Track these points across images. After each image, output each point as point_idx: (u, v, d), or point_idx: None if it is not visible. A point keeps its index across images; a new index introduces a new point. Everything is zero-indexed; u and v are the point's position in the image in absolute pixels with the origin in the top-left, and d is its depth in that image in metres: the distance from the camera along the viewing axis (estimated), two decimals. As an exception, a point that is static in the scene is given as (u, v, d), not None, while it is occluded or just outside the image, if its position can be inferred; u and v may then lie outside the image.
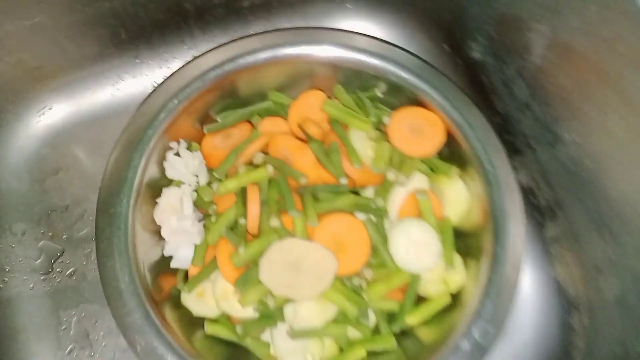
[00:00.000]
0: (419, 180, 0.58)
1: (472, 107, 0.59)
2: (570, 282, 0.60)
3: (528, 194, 0.64)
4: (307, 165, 0.56)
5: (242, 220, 0.54)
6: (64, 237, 0.63)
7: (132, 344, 0.48)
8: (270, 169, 0.55)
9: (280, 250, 0.51)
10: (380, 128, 0.61)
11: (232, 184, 0.55)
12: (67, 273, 0.62)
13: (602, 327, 0.54)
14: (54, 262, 0.62)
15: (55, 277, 0.61)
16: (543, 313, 0.62)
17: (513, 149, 0.64)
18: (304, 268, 0.51)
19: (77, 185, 0.65)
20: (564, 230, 0.60)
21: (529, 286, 0.62)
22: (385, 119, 0.60)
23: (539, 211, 0.63)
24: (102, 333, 0.59)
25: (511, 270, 0.53)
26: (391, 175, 0.56)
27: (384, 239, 0.55)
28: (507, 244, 0.54)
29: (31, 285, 0.61)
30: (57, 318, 0.60)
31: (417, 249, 0.54)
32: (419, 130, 0.59)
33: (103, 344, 0.59)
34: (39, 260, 0.62)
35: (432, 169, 0.60)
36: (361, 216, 0.55)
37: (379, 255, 0.56)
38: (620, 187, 0.51)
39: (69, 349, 0.59)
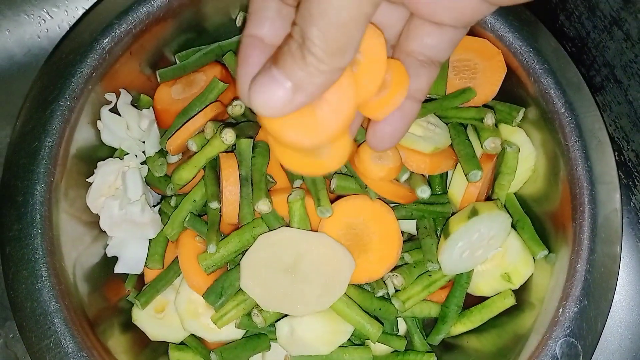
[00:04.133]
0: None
1: (539, 28, 0.41)
2: (672, 265, 0.44)
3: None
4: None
5: (214, 204, 0.37)
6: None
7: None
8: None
9: (270, 246, 0.35)
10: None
11: (189, 171, 0.38)
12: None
13: None
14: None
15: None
16: (631, 303, 0.46)
17: (590, 87, 0.46)
18: (304, 271, 0.35)
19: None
20: (664, 194, 0.43)
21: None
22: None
23: (625, 170, 0.46)
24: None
25: (606, 259, 0.37)
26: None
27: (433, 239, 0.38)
28: (599, 222, 0.37)
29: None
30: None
31: (476, 247, 0.38)
32: (470, 68, 0.41)
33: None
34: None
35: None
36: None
37: (416, 255, 0.39)
38: None
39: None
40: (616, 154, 0.47)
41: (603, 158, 0.39)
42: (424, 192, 0.38)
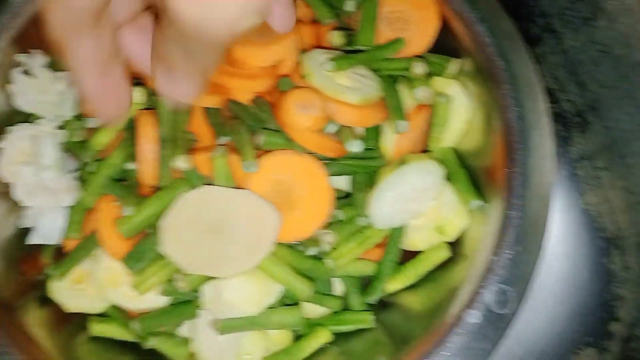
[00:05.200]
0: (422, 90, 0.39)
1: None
2: (608, 214, 0.44)
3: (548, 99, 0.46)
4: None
5: (130, 165, 0.35)
6: None
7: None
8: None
9: (192, 205, 0.33)
10: (343, 21, 0.41)
11: (106, 134, 0.36)
12: None
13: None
14: None
15: None
16: (567, 256, 0.46)
17: (526, 38, 0.46)
18: (229, 231, 0.33)
19: None
20: (599, 143, 0.43)
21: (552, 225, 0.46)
22: (349, 4, 0.40)
23: (562, 121, 0.46)
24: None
25: (538, 205, 0.36)
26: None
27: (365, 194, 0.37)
28: (530, 167, 0.36)
29: None
30: None
31: (408, 200, 0.37)
32: (402, 19, 0.40)
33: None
34: None
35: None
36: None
37: (349, 211, 0.38)
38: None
39: None
40: (554, 105, 0.47)
41: (535, 105, 0.38)
42: (353, 146, 0.36)
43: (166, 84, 0.23)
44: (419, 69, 0.37)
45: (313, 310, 0.40)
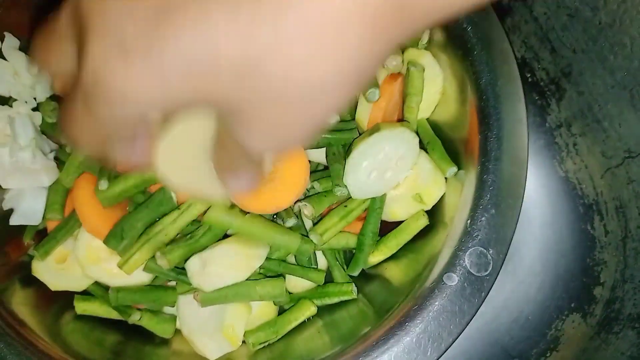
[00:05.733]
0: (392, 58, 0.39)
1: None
2: (587, 178, 0.44)
3: (522, 69, 0.47)
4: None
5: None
6: None
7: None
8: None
9: (186, 132, 0.31)
10: None
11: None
12: None
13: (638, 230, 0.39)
14: None
15: None
16: (550, 224, 0.46)
17: (496, 10, 0.46)
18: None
19: None
20: (574, 109, 0.44)
21: (529, 191, 0.46)
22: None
23: (538, 90, 0.46)
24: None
25: (513, 168, 0.36)
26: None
27: (341, 164, 0.37)
28: (505, 132, 0.37)
29: None
30: None
31: (384, 169, 0.37)
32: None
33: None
34: None
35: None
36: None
37: (326, 183, 0.38)
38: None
39: None
40: (529, 75, 0.47)
41: (507, 70, 0.38)
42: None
43: (236, 186, 0.25)
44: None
45: (297, 284, 0.40)
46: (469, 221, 0.36)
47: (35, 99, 0.39)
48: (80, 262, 0.35)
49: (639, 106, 0.39)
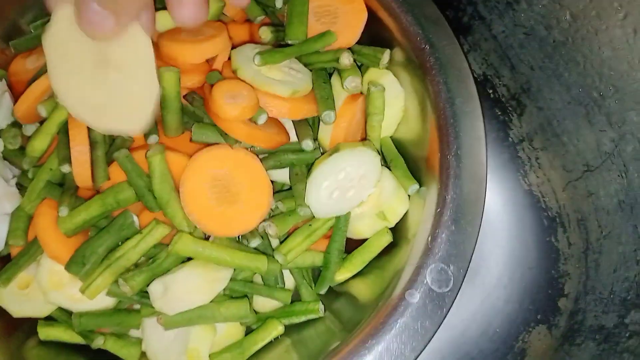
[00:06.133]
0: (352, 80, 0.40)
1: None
2: (550, 191, 0.45)
3: (483, 86, 0.48)
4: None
5: (65, 167, 0.36)
6: None
7: None
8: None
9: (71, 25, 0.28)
10: (276, 18, 0.42)
11: (41, 140, 0.36)
12: None
13: (602, 242, 0.40)
14: None
15: None
16: (516, 237, 0.47)
17: (458, 27, 0.47)
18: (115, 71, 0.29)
19: None
20: (535, 123, 0.45)
21: (495, 205, 0.47)
22: (278, 2, 0.41)
23: (500, 106, 0.47)
24: None
25: (472, 185, 0.37)
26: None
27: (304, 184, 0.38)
28: (463, 150, 0.37)
29: None
30: None
31: (346, 188, 0.37)
32: (330, 13, 0.41)
33: None
34: None
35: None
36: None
37: (290, 202, 0.39)
38: (616, 43, 0.35)
39: None
40: (491, 91, 0.48)
41: (464, 89, 0.39)
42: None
43: (179, 16, 0.27)
44: (345, 59, 0.38)
45: (265, 303, 0.40)
46: (429, 238, 0.36)
47: (-3, 125, 0.39)
48: (43, 288, 0.35)
49: (594, 121, 0.40)
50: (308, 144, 0.37)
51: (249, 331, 0.40)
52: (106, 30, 0.27)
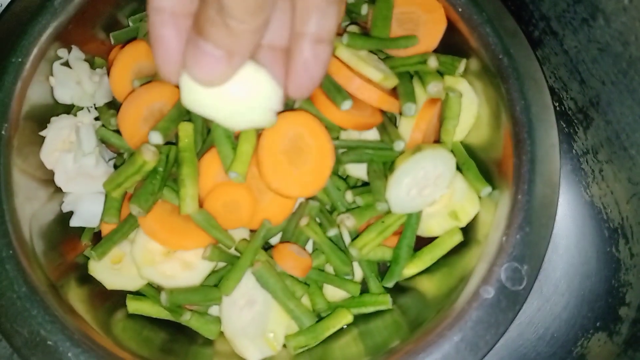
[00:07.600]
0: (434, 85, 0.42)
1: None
2: (612, 203, 0.46)
3: (550, 98, 0.49)
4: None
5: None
6: None
7: (8, 335, 0.33)
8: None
9: None
10: (358, 23, 0.44)
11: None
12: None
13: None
14: None
15: None
16: (575, 247, 0.48)
17: (530, 42, 0.49)
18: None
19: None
20: (601, 137, 0.46)
21: (558, 215, 0.48)
22: (364, 9, 0.44)
23: (566, 119, 0.49)
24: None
25: (546, 189, 0.39)
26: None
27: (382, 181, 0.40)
28: (538, 156, 0.39)
29: None
30: None
31: (423, 186, 0.39)
32: (412, 20, 0.43)
33: None
34: None
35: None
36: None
37: (367, 197, 0.40)
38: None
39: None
40: (557, 104, 0.49)
41: (540, 98, 0.41)
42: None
43: (193, 54, 0.21)
44: (432, 63, 0.40)
45: (335, 293, 0.42)
46: (504, 238, 0.38)
47: (94, 105, 0.42)
48: (137, 264, 0.37)
49: (664, 136, 0.41)
50: (399, 145, 0.39)
51: (319, 317, 0.42)
52: (216, 76, 0.21)
